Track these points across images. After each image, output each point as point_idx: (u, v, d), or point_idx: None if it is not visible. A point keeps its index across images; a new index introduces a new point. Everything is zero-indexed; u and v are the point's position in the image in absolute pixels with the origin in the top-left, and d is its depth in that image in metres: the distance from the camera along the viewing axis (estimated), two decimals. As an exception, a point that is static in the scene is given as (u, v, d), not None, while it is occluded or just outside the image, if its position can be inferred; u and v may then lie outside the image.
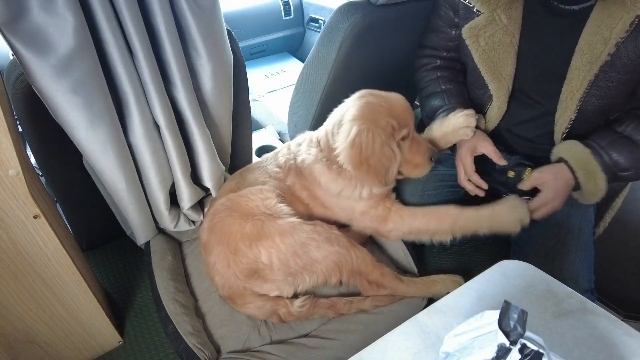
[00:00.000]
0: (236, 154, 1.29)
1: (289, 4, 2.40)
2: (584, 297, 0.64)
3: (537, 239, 0.96)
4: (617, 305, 1.25)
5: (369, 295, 0.95)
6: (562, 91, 0.87)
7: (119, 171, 0.94)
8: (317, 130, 1.03)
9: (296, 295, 0.93)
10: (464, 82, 1.07)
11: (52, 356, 1.03)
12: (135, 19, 0.81)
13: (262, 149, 1.80)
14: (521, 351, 0.40)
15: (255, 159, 1.56)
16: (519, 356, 0.40)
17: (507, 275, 0.68)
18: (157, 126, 0.97)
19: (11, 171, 0.75)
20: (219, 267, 0.92)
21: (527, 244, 0.98)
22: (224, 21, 0.97)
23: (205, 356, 0.83)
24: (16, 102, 0.95)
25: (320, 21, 2.37)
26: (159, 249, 1.09)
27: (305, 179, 1.00)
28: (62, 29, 0.74)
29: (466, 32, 0.93)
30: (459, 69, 1.08)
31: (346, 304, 0.93)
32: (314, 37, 2.41)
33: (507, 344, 0.40)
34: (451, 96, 1.04)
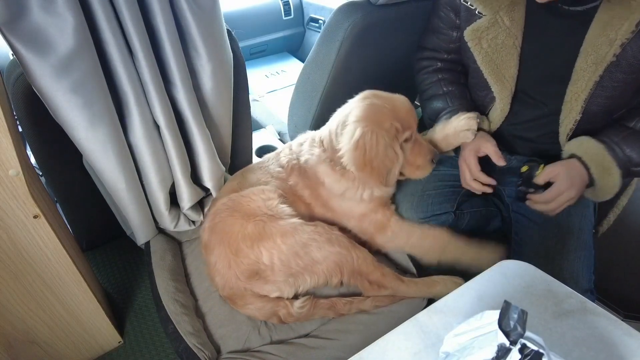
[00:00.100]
0: (236, 154, 1.29)
1: (289, 4, 2.40)
2: (584, 297, 0.63)
3: (537, 239, 0.96)
4: (617, 305, 1.25)
5: (370, 295, 0.95)
6: (566, 92, 0.87)
7: (119, 171, 0.94)
8: (320, 130, 1.03)
9: (296, 295, 0.93)
10: (465, 84, 1.07)
11: (52, 356, 1.03)
12: (135, 19, 0.81)
13: (262, 149, 1.80)
14: (521, 351, 0.40)
15: (255, 159, 1.56)
16: (519, 356, 0.40)
17: (507, 275, 0.67)
18: (157, 126, 0.97)
19: (11, 171, 0.75)
20: (220, 268, 0.92)
21: (527, 244, 0.98)
22: (224, 21, 0.97)
23: (205, 356, 0.83)
24: (16, 102, 0.95)
25: (320, 21, 2.37)
26: (159, 249, 1.09)
27: (308, 178, 1.00)
28: (62, 29, 0.74)
29: (468, 34, 0.93)
30: (460, 70, 1.07)
31: (346, 304, 0.93)
32: (314, 37, 2.41)
33: (507, 344, 0.40)
34: (454, 98, 1.04)
